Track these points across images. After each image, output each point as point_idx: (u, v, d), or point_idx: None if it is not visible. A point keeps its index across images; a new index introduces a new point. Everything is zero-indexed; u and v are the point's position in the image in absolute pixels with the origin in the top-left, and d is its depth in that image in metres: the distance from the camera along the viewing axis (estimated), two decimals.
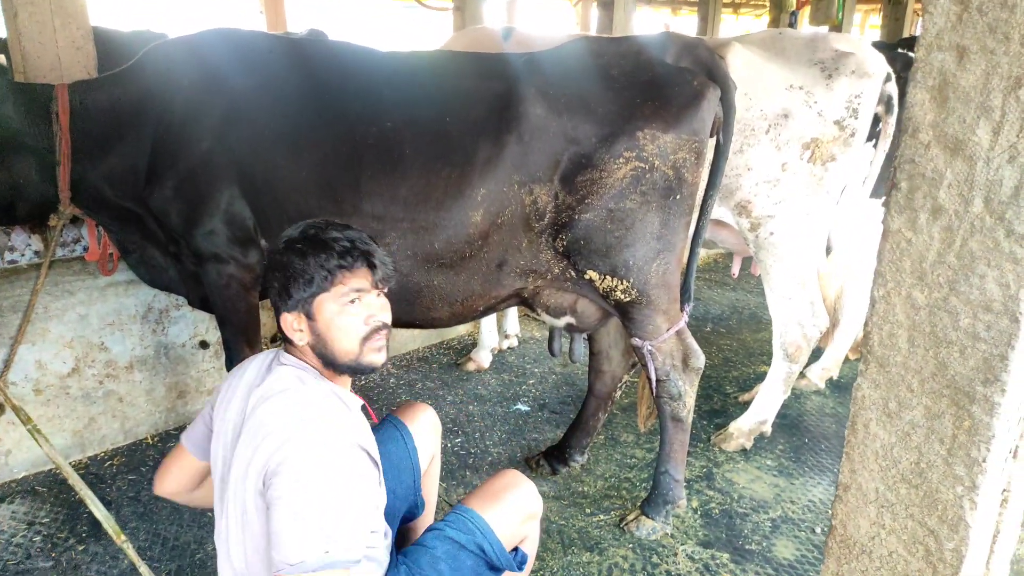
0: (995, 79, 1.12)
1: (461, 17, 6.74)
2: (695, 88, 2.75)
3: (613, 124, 2.73)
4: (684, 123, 2.74)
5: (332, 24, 12.18)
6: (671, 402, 3.12)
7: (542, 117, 2.74)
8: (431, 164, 2.78)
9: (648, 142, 2.71)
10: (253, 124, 2.96)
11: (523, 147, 2.74)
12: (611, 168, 2.73)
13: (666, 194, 2.79)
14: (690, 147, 2.77)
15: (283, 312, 1.82)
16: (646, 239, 2.83)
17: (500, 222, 2.83)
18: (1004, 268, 1.16)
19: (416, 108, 2.86)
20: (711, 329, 5.80)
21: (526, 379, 4.78)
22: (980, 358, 1.21)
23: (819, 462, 3.87)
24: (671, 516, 3.24)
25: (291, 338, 1.84)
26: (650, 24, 16.34)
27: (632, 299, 2.92)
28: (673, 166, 2.76)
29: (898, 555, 1.37)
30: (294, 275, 1.78)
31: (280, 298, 1.82)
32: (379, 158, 2.82)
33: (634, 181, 2.75)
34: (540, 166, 2.76)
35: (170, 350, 3.95)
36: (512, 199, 2.80)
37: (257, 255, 3.11)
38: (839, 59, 3.47)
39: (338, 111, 2.92)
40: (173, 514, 3.28)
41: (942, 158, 1.20)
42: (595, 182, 2.75)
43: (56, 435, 3.53)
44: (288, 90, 3.00)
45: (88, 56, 3.96)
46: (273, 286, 1.82)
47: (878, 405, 1.35)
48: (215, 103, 2.99)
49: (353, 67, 3.09)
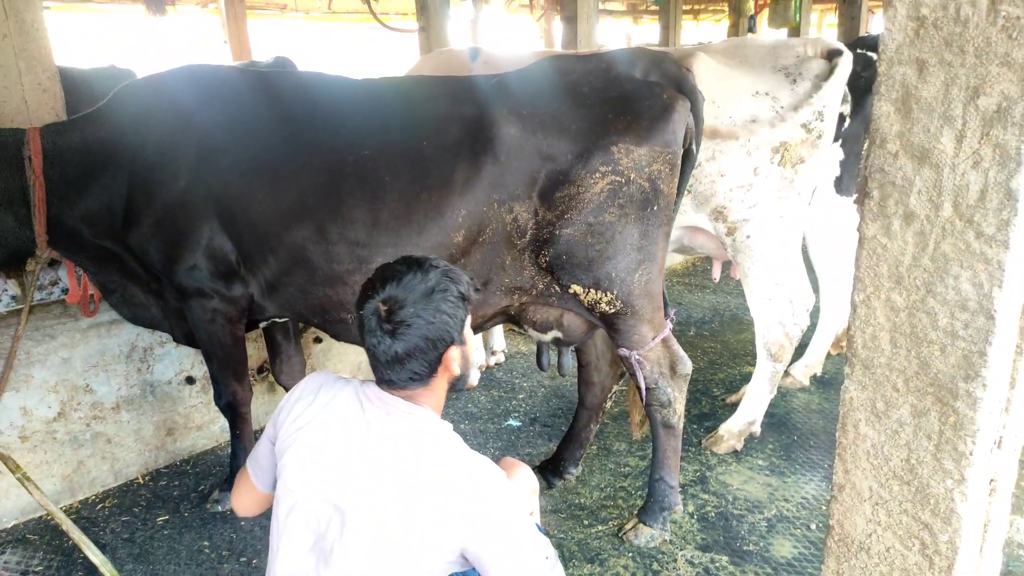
0: (954, 90, 1.18)
1: (426, 38, 6.79)
2: (665, 101, 2.82)
3: (587, 140, 2.79)
4: (657, 136, 2.80)
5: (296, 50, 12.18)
6: (661, 409, 3.16)
7: (516, 137, 2.79)
8: (410, 188, 2.81)
9: (623, 156, 2.77)
10: (229, 158, 2.98)
11: (499, 167, 2.79)
12: (588, 183, 2.79)
13: (644, 206, 2.85)
14: (664, 159, 2.83)
15: (451, 346, 1.80)
16: (627, 251, 2.88)
17: (482, 240, 2.87)
18: (976, 268, 1.21)
19: (392, 134, 2.89)
20: (695, 333, 5.86)
21: (516, 394, 4.80)
22: (960, 355, 1.26)
23: (809, 459, 3.93)
24: (668, 522, 3.27)
25: (449, 369, 1.82)
26: (613, 35, 16.54)
27: (617, 310, 2.96)
28: (649, 178, 2.82)
29: (895, 550, 1.41)
30: (458, 305, 1.79)
31: (452, 333, 1.78)
32: (359, 185, 2.84)
33: (611, 195, 2.80)
34: (518, 184, 2.81)
35: (156, 388, 3.92)
36: (492, 218, 2.84)
37: (241, 288, 3.12)
38: (801, 64, 3.57)
39: (315, 140, 2.95)
40: (170, 553, 3.25)
41: (910, 166, 1.25)
42: (573, 197, 2.80)
43: (45, 481, 3.49)
44: (262, 123, 3.03)
45: (55, 97, 3.95)
46: (440, 324, 1.76)
47: (866, 406, 1.39)
48: (190, 140, 3.01)
49: (327, 96, 3.13)
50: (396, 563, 1.67)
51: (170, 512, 3.58)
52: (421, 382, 1.79)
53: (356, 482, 1.71)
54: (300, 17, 13.42)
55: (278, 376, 3.85)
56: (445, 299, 1.75)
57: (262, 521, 3.48)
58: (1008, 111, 1.14)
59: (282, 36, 13.86)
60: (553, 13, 10.84)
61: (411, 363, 1.75)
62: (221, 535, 3.38)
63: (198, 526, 3.45)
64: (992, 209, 1.18)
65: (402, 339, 1.72)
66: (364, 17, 12.32)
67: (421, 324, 1.72)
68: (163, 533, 3.41)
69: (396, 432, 1.75)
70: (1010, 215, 1.16)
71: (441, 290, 1.75)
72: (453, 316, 1.77)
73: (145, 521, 3.51)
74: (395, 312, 1.72)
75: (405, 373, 1.77)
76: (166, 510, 3.59)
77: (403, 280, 1.75)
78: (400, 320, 1.71)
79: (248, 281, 3.12)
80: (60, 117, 4.03)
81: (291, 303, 3.13)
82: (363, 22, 13.13)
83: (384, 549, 1.67)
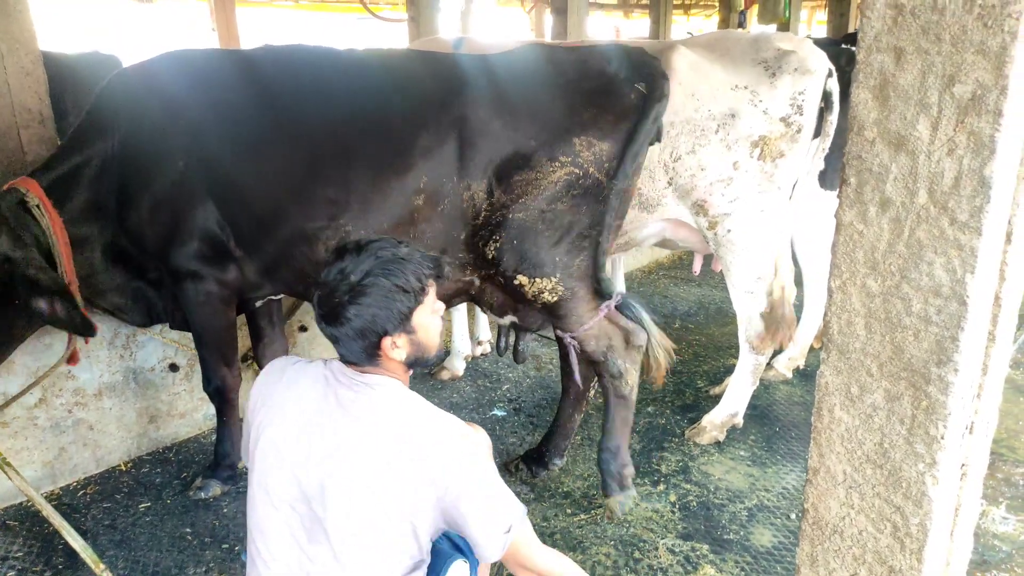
0: (931, 77, 1.19)
1: (416, 28, 6.76)
2: (631, 99, 2.85)
3: (552, 129, 2.84)
4: (620, 132, 2.84)
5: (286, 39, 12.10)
6: (613, 380, 3.25)
7: (484, 118, 2.85)
8: (381, 153, 2.90)
9: (583, 148, 2.81)
10: (216, 138, 3.03)
11: (463, 144, 2.85)
12: (546, 171, 2.83)
13: (598, 199, 2.89)
14: (625, 155, 2.88)
15: (384, 337, 1.81)
16: (571, 238, 2.95)
17: (440, 210, 2.93)
18: (950, 254, 1.23)
19: (371, 103, 2.98)
20: (680, 325, 5.89)
21: (501, 384, 4.82)
22: (933, 341, 1.28)
23: (791, 449, 3.97)
24: (628, 480, 3.36)
25: (388, 356, 1.85)
26: (603, 28, 16.52)
27: (560, 297, 3.03)
28: (607, 173, 2.84)
29: (868, 533, 1.43)
30: (391, 298, 1.79)
31: (382, 324, 1.80)
32: (336, 149, 2.94)
33: (567, 185, 2.85)
34: (479, 164, 2.87)
35: (139, 375, 3.90)
36: (451, 191, 2.90)
37: (234, 270, 3.16)
38: (781, 58, 3.58)
39: (298, 110, 3.02)
40: (152, 540, 3.25)
41: (887, 153, 1.26)
42: (530, 183, 2.85)
43: (26, 467, 3.46)
44: (246, 101, 3.08)
45: (38, 81, 3.91)
46: (366, 316, 1.78)
47: (840, 390, 1.41)
48: (178, 125, 3.05)
49: (308, 70, 3.17)
50: (383, 527, 1.74)
51: (152, 499, 3.56)
52: (370, 362, 1.86)
53: (333, 456, 1.76)
54: (289, 5, 13.33)
55: (260, 360, 3.85)
56: (375, 292, 1.77)
57: (244, 508, 3.46)
58: (982, 99, 1.15)
59: (271, 25, 13.77)
60: (543, 5, 10.82)
61: (347, 346, 1.83)
62: (203, 522, 3.38)
63: (180, 513, 3.44)
64: (966, 196, 1.19)
65: (332, 326, 1.81)
66: (354, 7, 12.25)
67: (351, 314, 1.78)
68: (145, 520, 3.40)
69: (363, 405, 1.80)
70: (983, 202, 1.18)
71: (370, 283, 1.77)
72: (385, 308, 1.78)
73: (127, 508, 3.50)
74: (325, 300, 1.80)
75: (350, 355, 1.86)
76: (148, 497, 3.58)
77: (334, 268, 1.80)
78: (329, 309, 1.80)
79: (241, 259, 3.17)
80: (44, 101, 3.99)
81: (278, 272, 3.20)
82: (353, 11, 13.05)
83: (369, 516, 1.73)
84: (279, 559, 1.81)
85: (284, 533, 1.81)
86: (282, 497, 1.80)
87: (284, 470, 1.80)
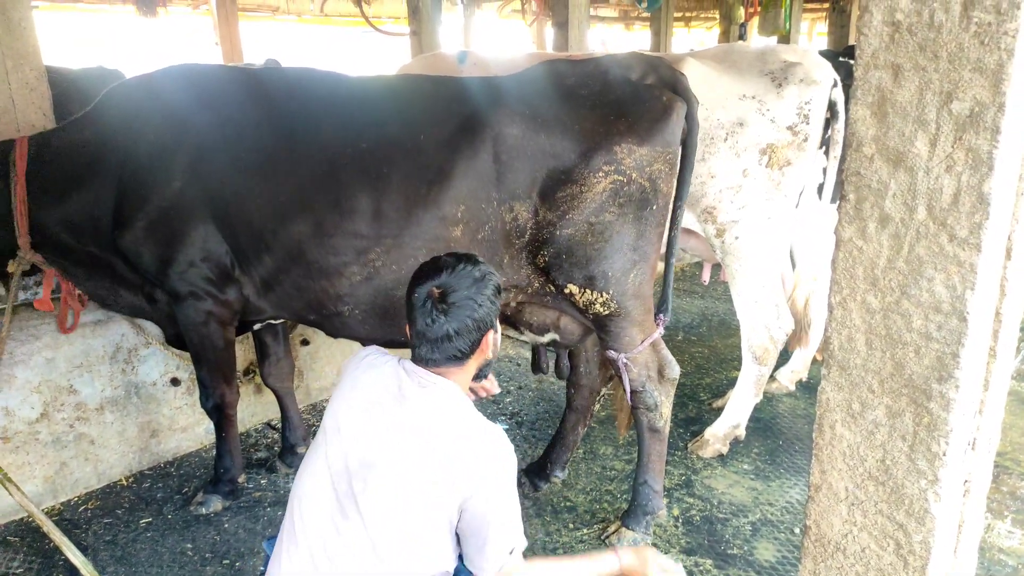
0: (928, 94, 1.19)
1: (418, 41, 6.80)
2: (665, 103, 2.87)
3: (590, 140, 2.82)
4: (657, 136, 2.85)
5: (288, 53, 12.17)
6: (647, 413, 3.17)
7: (518, 137, 2.82)
8: (410, 183, 2.86)
9: (626, 155, 2.82)
10: (224, 158, 3.00)
11: (500, 166, 2.82)
12: (591, 182, 2.82)
13: (642, 205, 2.89)
14: (664, 159, 2.88)
15: (490, 331, 2.02)
16: (623, 250, 2.92)
17: (481, 238, 2.89)
18: (950, 271, 1.22)
19: (392, 131, 2.93)
20: (683, 338, 5.88)
21: (503, 397, 4.80)
22: (934, 357, 1.27)
23: (794, 463, 3.95)
24: (651, 526, 3.28)
25: (484, 352, 2.03)
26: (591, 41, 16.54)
27: (611, 311, 2.99)
28: (649, 178, 2.86)
29: (871, 550, 1.42)
30: (497, 297, 2.03)
31: (492, 318, 2.01)
32: (357, 179, 2.88)
33: (613, 194, 2.84)
34: (519, 184, 2.84)
35: (141, 389, 3.90)
36: (491, 216, 2.87)
37: (235, 291, 3.13)
38: (787, 69, 3.65)
39: (311, 138, 2.96)
40: (153, 556, 3.23)
41: (885, 170, 1.27)
42: (575, 197, 2.83)
43: (27, 483, 3.46)
44: (256, 121, 3.04)
45: (42, 96, 3.93)
46: (485, 308, 1.98)
47: (842, 407, 1.41)
48: (182, 141, 3.02)
49: (322, 93, 3.14)
50: (414, 512, 1.84)
51: (153, 514, 3.55)
52: (459, 361, 1.99)
53: (384, 439, 1.89)
54: (292, 20, 13.40)
55: (266, 378, 3.84)
56: (489, 288, 1.99)
57: (246, 524, 3.46)
58: (980, 116, 1.15)
59: (274, 39, 13.84)
60: (545, 19, 10.87)
61: (457, 341, 1.95)
62: (204, 537, 3.36)
63: (181, 528, 3.43)
64: (965, 212, 1.19)
65: (454, 319, 1.93)
66: (356, 21, 12.32)
67: (472, 306, 1.94)
68: (146, 535, 3.39)
69: (425, 400, 1.93)
70: (982, 218, 1.18)
71: (487, 281, 1.99)
72: (494, 304, 2.01)
73: (128, 523, 3.49)
74: (448, 295, 1.94)
75: (450, 350, 1.97)
76: (149, 512, 3.57)
77: (455, 270, 1.96)
78: (453, 302, 1.93)
79: (243, 282, 3.13)
80: (48, 116, 4.02)
81: (287, 301, 3.15)
82: (355, 25, 13.12)
83: (405, 499, 1.84)
84: (312, 529, 1.90)
85: (324, 503, 1.91)
86: (331, 467, 1.92)
87: (338, 443, 1.94)
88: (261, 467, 3.95)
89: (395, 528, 1.83)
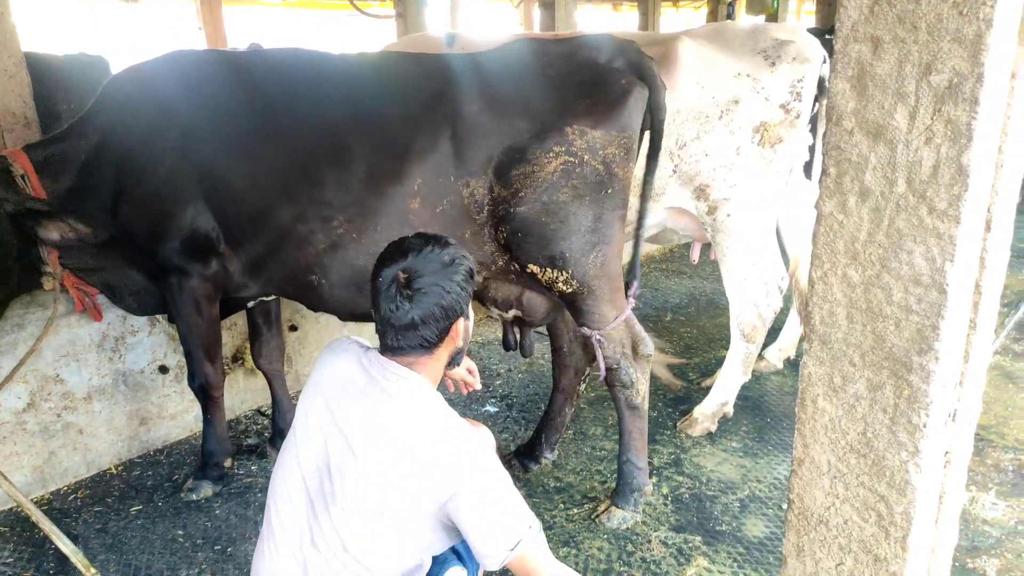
0: (908, 66, 1.19)
1: (403, 24, 6.74)
2: (624, 86, 2.87)
3: (544, 120, 2.83)
4: (612, 120, 2.84)
5: (273, 37, 12.05)
6: (624, 390, 3.21)
7: (476, 114, 2.84)
8: (374, 156, 2.90)
9: (576, 137, 2.82)
10: (210, 138, 3.06)
11: (458, 142, 2.85)
12: (542, 162, 2.83)
13: (598, 188, 2.89)
14: (618, 143, 2.87)
15: (460, 318, 1.94)
16: (581, 232, 2.93)
17: (440, 211, 2.92)
18: (929, 243, 1.23)
19: (362, 106, 2.97)
20: (671, 318, 5.90)
21: (492, 380, 4.81)
22: (914, 329, 1.28)
23: (782, 440, 3.98)
24: (640, 503, 3.30)
25: (453, 339, 1.95)
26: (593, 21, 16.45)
27: (574, 290, 3.01)
28: (603, 161, 2.86)
29: (853, 522, 1.44)
30: (468, 283, 1.93)
31: (462, 305, 1.92)
32: (328, 152, 2.94)
33: (564, 175, 2.85)
34: (475, 160, 2.86)
35: (129, 377, 3.88)
36: (449, 191, 2.89)
37: (217, 266, 3.19)
38: (780, 47, 3.68)
39: (288, 113, 3.02)
40: (143, 543, 3.23)
41: (865, 143, 1.26)
42: (527, 176, 2.85)
43: (15, 472, 3.45)
44: (239, 101, 3.09)
45: (22, 83, 3.89)
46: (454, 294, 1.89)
47: (823, 381, 1.41)
48: (173, 124, 3.08)
49: (299, 72, 3.18)
50: (386, 514, 1.78)
51: (144, 502, 3.55)
52: (428, 350, 1.91)
53: (353, 439, 1.82)
54: (276, 3, 13.23)
55: (256, 359, 3.85)
56: (459, 273, 1.89)
57: (236, 510, 3.46)
58: (959, 87, 1.15)
59: (258, 23, 13.67)
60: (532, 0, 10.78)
61: (424, 329, 1.86)
62: (195, 524, 3.37)
63: (172, 515, 3.43)
64: (944, 185, 1.19)
65: (419, 305, 1.83)
66: (341, 4, 12.18)
67: (439, 292, 1.85)
68: (136, 523, 3.39)
69: (395, 398, 1.84)
70: (961, 190, 1.18)
71: (457, 265, 1.89)
72: (464, 289, 1.91)
73: (118, 511, 3.48)
74: (414, 280, 1.83)
75: (416, 339, 1.87)
76: (139, 500, 3.57)
77: (422, 252, 1.86)
78: (418, 288, 1.83)
79: (229, 258, 3.19)
80: (28, 104, 3.98)
81: (270, 276, 3.21)
82: (340, 8, 12.97)
83: (376, 499, 1.78)
84: (290, 528, 1.87)
85: (297, 503, 1.87)
86: (302, 467, 1.88)
87: (306, 442, 1.89)
88: (252, 453, 3.95)
89: (366, 529, 1.79)
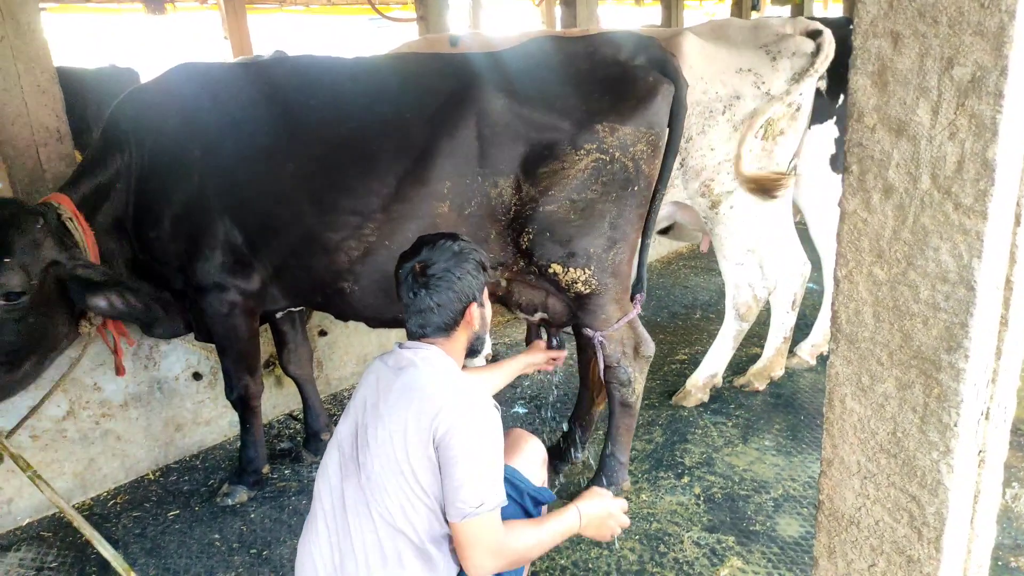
0: (929, 61, 1.17)
1: (426, 26, 6.77)
2: (651, 83, 2.86)
3: (573, 118, 2.83)
4: (640, 116, 2.84)
5: (298, 45, 12.18)
6: (620, 388, 3.23)
7: (502, 112, 2.83)
8: (398, 160, 2.90)
9: (607, 134, 2.81)
10: (230, 150, 3.05)
11: (484, 142, 2.84)
12: (572, 160, 2.82)
13: (624, 185, 2.89)
14: (647, 139, 2.87)
15: (472, 303, 2.13)
16: (604, 228, 2.93)
17: (467, 214, 2.91)
18: (956, 240, 1.20)
19: (383, 109, 2.97)
20: (700, 316, 5.85)
21: (520, 380, 4.81)
22: (942, 327, 1.25)
23: (816, 438, 3.92)
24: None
25: (470, 323, 2.15)
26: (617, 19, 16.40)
27: (592, 290, 3.01)
28: (632, 158, 2.86)
29: (884, 523, 1.41)
30: (479, 271, 2.14)
31: (474, 290, 2.13)
32: (352, 156, 2.94)
33: (595, 172, 2.84)
34: (502, 159, 2.86)
35: (164, 384, 3.96)
36: (477, 192, 2.89)
37: (258, 280, 3.18)
38: (780, 42, 3.70)
39: (309, 120, 3.02)
40: (181, 547, 3.30)
41: (888, 139, 1.24)
42: (557, 173, 2.84)
43: (57, 479, 3.54)
44: (258, 111, 3.09)
45: (54, 98, 3.97)
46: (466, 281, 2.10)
47: (851, 380, 1.39)
48: (192, 139, 3.08)
49: (318, 78, 3.18)
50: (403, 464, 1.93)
51: (181, 506, 3.62)
52: (446, 332, 2.13)
53: (380, 404, 2.04)
54: (299, 10, 13.40)
55: (286, 367, 3.89)
56: (469, 262, 2.12)
57: (271, 513, 3.52)
58: (982, 80, 1.13)
59: (282, 30, 13.85)
60: None
61: (440, 312, 2.09)
62: (231, 528, 3.43)
63: (208, 520, 3.50)
64: (969, 180, 1.17)
65: (435, 291, 2.07)
66: (363, 8, 12.29)
67: (451, 279, 2.08)
68: (174, 527, 3.46)
69: (414, 363, 2.06)
70: (987, 185, 1.15)
71: (466, 255, 2.12)
72: (475, 277, 2.13)
73: (156, 516, 3.56)
74: (428, 268, 2.08)
75: (434, 322, 2.11)
76: (177, 505, 3.64)
77: (436, 245, 2.12)
78: (432, 274, 2.07)
79: (257, 269, 3.19)
80: (61, 118, 4.06)
81: (296, 285, 3.23)
82: (362, 13, 13.09)
83: (392, 441, 1.95)
84: (324, 499, 2.07)
85: (331, 473, 2.07)
86: (339, 440, 2.11)
87: (344, 420, 2.15)
88: (285, 457, 4.01)
89: (389, 482, 1.93)
